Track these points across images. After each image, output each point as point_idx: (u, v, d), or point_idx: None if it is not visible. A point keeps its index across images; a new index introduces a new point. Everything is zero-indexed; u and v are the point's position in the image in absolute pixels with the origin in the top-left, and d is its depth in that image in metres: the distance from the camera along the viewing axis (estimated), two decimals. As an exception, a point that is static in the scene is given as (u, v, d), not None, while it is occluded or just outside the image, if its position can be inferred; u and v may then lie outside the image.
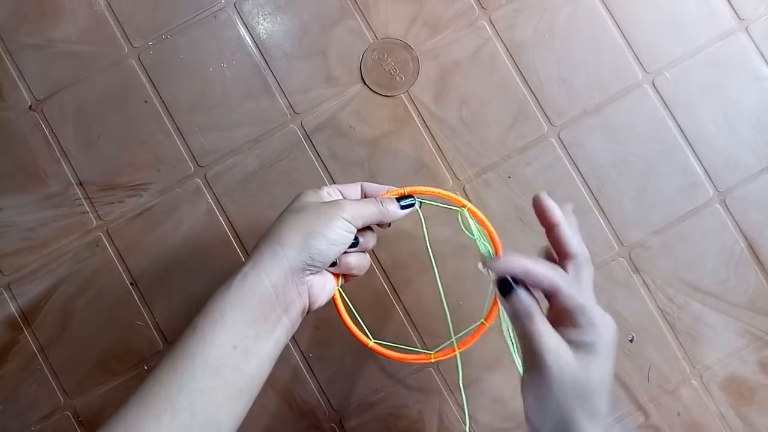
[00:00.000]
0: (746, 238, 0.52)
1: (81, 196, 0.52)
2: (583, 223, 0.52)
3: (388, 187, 0.42)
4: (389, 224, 0.42)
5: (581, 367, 0.32)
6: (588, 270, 0.36)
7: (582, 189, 0.53)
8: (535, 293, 0.35)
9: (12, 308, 0.51)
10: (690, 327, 0.52)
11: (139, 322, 0.51)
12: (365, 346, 0.42)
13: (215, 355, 0.33)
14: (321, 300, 0.39)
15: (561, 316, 0.34)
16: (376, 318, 0.52)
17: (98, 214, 0.52)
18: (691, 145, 0.53)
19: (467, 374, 0.51)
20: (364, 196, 0.42)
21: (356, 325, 0.42)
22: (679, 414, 0.51)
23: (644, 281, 0.52)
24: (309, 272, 0.36)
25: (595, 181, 0.53)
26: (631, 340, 0.52)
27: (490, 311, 0.41)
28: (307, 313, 0.38)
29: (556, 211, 0.36)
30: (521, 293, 0.34)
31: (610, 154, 0.53)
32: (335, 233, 0.36)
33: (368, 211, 0.38)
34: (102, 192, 0.52)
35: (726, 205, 0.53)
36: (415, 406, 0.51)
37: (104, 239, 0.52)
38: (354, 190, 0.41)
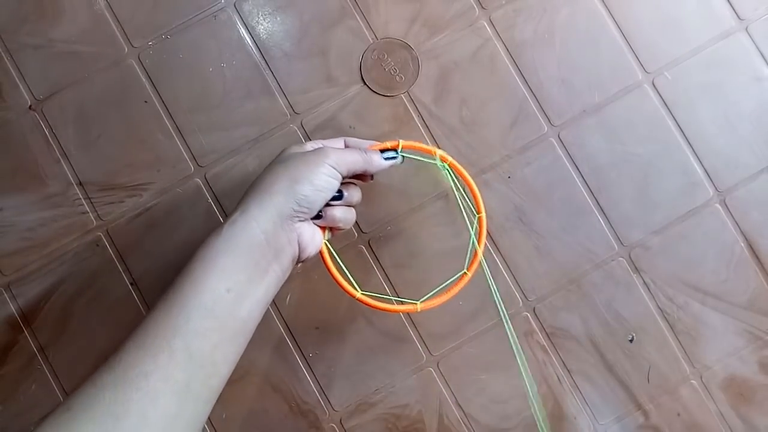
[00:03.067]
0: (746, 238, 0.52)
1: (81, 196, 0.52)
2: (583, 223, 0.52)
3: (370, 141, 0.44)
4: (372, 177, 0.44)
5: None
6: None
7: (582, 189, 0.53)
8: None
9: (12, 308, 0.51)
10: (690, 327, 0.52)
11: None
12: (352, 297, 0.42)
13: (209, 298, 0.34)
14: (310, 250, 0.39)
15: None
16: (373, 314, 0.52)
17: (98, 214, 0.52)
18: (691, 145, 0.53)
19: (466, 374, 0.51)
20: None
21: (343, 278, 0.42)
22: (679, 414, 0.51)
23: (644, 281, 0.52)
24: (297, 219, 0.37)
25: (595, 181, 0.53)
26: (631, 340, 0.52)
27: (472, 262, 0.44)
28: (298, 263, 0.39)
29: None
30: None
31: (610, 154, 0.53)
32: (320, 179, 0.37)
33: (352, 158, 0.39)
34: (102, 192, 0.52)
35: (726, 205, 0.53)
36: (415, 406, 0.51)
37: (104, 239, 0.52)
38: (337, 144, 0.43)
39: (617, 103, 0.53)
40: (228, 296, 0.34)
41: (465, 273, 0.44)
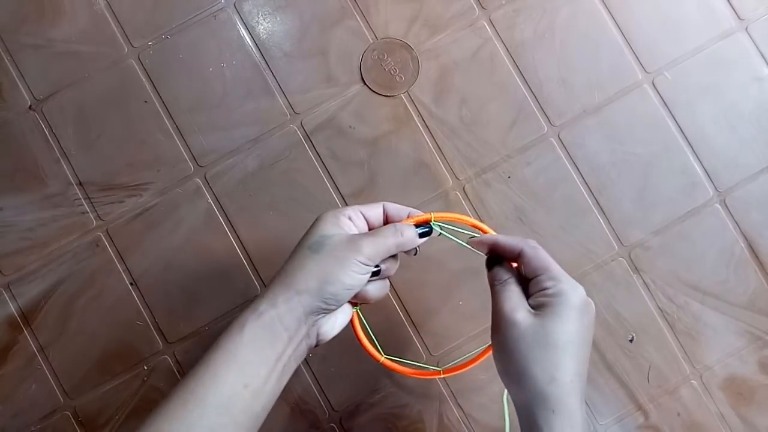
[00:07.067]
0: (746, 238, 0.52)
1: (81, 196, 0.52)
2: (583, 223, 0.52)
3: (409, 209, 0.41)
4: (415, 252, 0.41)
5: (537, 324, 0.34)
6: (544, 250, 0.38)
7: (582, 189, 0.53)
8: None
9: (12, 308, 0.51)
10: (690, 327, 0.52)
11: (139, 322, 0.51)
12: (377, 361, 0.42)
13: (227, 393, 0.34)
14: (330, 335, 0.39)
15: (532, 285, 0.37)
16: (373, 315, 0.52)
17: (98, 214, 0.52)
18: (691, 145, 0.53)
19: (466, 374, 0.51)
20: (386, 217, 0.41)
21: (370, 342, 0.42)
22: (679, 414, 0.51)
23: (644, 281, 0.52)
24: (322, 314, 0.37)
25: (595, 181, 0.53)
26: (631, 340, 0.52)
27: None
28: (315, 347, 0.39)
29: (486, 238, 0.40)
30: (502, 265, 0.39)
31: (610, 154, 0.53)
32: (351, 278, 0.36)
33: (386, 246, 0.37)
34: (102, 192, 0.52)
35: (726, 205, 0.53)
36: (415, 406, 0.51)
37: (104, 239, 0.52)
38: (376, 210, 0.40)
39: (617, 103, 0.53)
40: (245, 392, 0.34)
41: (491, 345, 0.43)
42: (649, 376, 0.52)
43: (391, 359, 0.43)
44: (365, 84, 0.53)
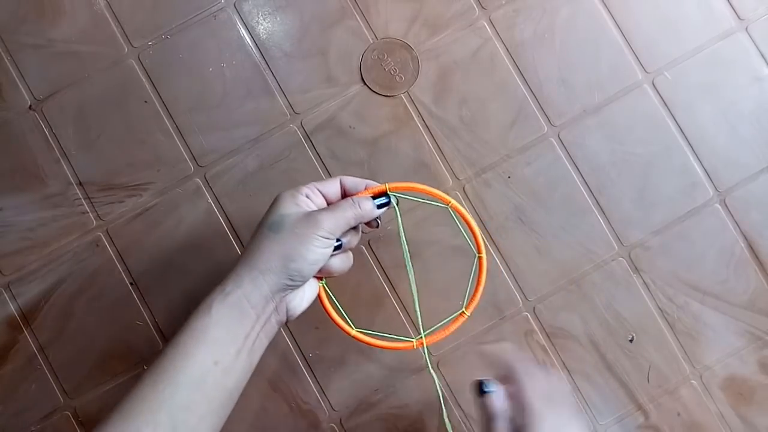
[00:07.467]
0: (746, 238, 0.52)
1: (81, 196, 0.52)
2: (583, 223, 0.52)
3: (367, 181, 0.42)
4: (377, 225, 0.43)
5: None
6: (531, 377, 0.40)
7: (582, 189, 0.53)
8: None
9: (12, 308, 0.51)
10: (690, 327, 0.52)
11: (139, 322, 0.51)
12: (348, 334, 0.43)
13: (197, 370, 0.34)
14: (300, 310, 0.40)
15: (512, 412, 0.39)
16: (373, 314, 0.52)
17: (98, 214, 0.52)
18: (691, 145, 0.53)
19: (466, 374, 0.51)
20: (344, 191, 0.42)
21: (339, 316, 0.43)
22: (679, 414, 0.51)
23: (644, 281, 0.52)
24: (289, 290, 0.38)
25: (595, 181, 0.53)
26: (631, 340, 0.52)
27: (470, 302, 0.44)
28: (286, 323, 0.39)
29: (495, 361, 0.43)
30: (494, 396, 0.40)
31: (610, 154, 0.53)
32: (314, 253, 0.37)
33: (345, 219, 0.38)
34: (102, 192, 0.52)
35: (726, 205, 0.53)
36: (415, 406, 0.51)
37: (104, 239, 0.52)
38: (333, 186, 0.41)
39: (617, 103, 0.53)
40: (216, 370, 0.34)
41: (463, 312, 0.44)
42: (649, 376, 0.52)
43: (363, 332, 0.43)
44: (365, 84, 0.53)
